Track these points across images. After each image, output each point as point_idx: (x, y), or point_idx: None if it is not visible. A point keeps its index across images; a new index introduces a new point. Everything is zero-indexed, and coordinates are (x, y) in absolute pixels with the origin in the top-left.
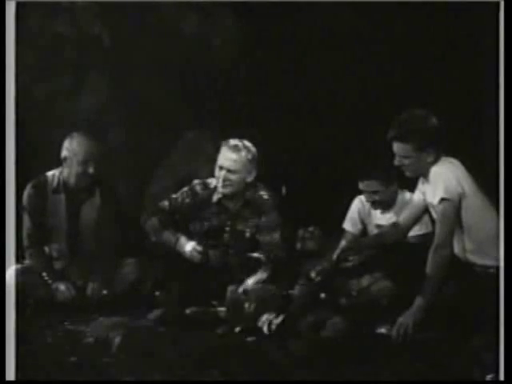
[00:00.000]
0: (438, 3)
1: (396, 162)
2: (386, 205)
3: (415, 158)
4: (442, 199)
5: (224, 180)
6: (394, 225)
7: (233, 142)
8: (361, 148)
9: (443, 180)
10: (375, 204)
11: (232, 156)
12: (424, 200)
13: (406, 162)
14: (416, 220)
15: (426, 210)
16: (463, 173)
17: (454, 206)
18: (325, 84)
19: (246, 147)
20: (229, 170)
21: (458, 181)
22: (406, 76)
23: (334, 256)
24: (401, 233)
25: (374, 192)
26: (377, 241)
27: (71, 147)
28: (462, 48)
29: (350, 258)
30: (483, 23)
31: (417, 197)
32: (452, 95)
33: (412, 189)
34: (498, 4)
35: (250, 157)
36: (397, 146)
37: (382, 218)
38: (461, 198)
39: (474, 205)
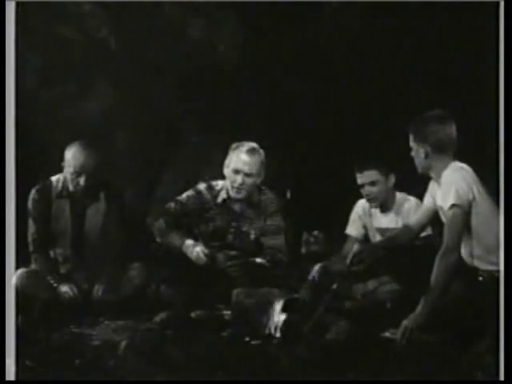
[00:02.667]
0: (438, 3)
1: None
2: (383, 202)
3: (415, 151)
4: (453, 205)
5: (241, 184)
6: (406, 227)
7: (247, 144)
8: (365, 151)
9: (455, 186)
10: (373, 200)
11: (249, 159)
12: (434, 203)
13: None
14: (427, 222)
15: (436, 212)
16: (473, 178)
17: (464, 212)
18: (329, 86)
19: (259, 150)
20: (246, 174)
21: (469, 187)
22: (405, 76)
23: (348, 261)
24: (412, 235)
25: (373, 183)
26: (389, 243)
27: (67, 157)
28: (462, 48)
29: (362, 262)
30: (483, 23)
31: (427, 200)
32: (451, 95)
33: (411, 192)
34: (497, 4)
35: (263, 159)
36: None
37: (381, 222)
38: (471, 203)
39: (484, 210)
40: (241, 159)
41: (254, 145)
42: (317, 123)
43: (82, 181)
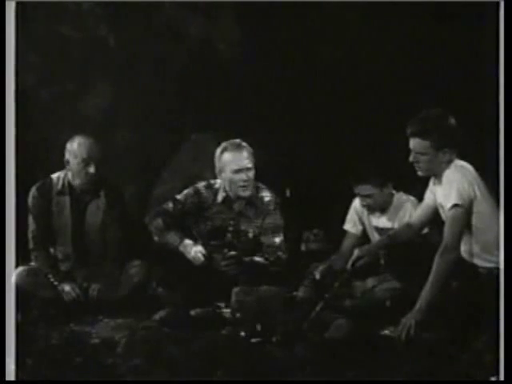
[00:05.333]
0: (438, 3)
1: (411, 158)
2: (380, 207)
3: (431, 155)
4: (454, 205)
5: (246, 180)
6: (407, 225)
7: (231, 143)
8: (363, 149)
9: (457, 185)
10: (370, 208)
11: (242, 154)
12: (434, 200)
13: (422, 158)
14: (428, 220)
15: (436, 210)
16: (475, 177)
17: (466, 212)
18: (327, 85)
19: (242, 143)
20: (247, 169)
21: (470, 186)
22: (405, 77)
23: (348, 265)
24: (413, 233)
25: (369, 196)
26: (389, 242)
27: (72, 149)
28: (462, 48)
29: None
30: (483, 23)
31: (428, 197)
32: (452, 95)
33: (408, 190)
34: (497, 4)
35: (250, 150)
36: (414, 142)
37: (379, 221)
38: (472, 203)
39: (484, 209)
40: (235, 159)
41: (236, 141)
42: (316, 121)
43: (91, 169)
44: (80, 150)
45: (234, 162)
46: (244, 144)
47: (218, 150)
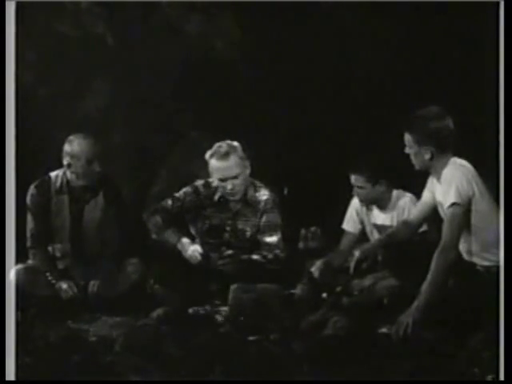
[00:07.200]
0: (438, 3)
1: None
2: (374, 202)
3: (415, 150)
4: (453, 203)
5: (232, 189)
6: (404, 223)
7: (218, 150)
8: (362, 148)
9: (455, 184)
10: (362, 200)
11: (228, 164)
12: (433, 198)
13: (411, 152)
14: (426, 218)
15: (434, 208)
16: (474, 176)
17: (464, 210)
18: (326, 84)
19: (232, 148)
20: (233, 177)
21: (469, 184)
22: (405, 76)
23: (351, 268)
24: (411, 231)
25: (360, 187)
26: (388, 241)
27: (73, 151)
28: (462, 48)
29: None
30: (483, 23)
31: (426, 195)
32: (452, 95)
33: (408, 188)
34: (497, 4)
35: (240, 153)
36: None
37: (378, 219)
38: (471, 201)
39: (483, 208)
40: (220, 168)
41: (224, 148)
42: (314, 120)
43: (97, 168)
44: (82, 151)
45: (219, 170)
46: (234, 146)
47: (207, 154)
